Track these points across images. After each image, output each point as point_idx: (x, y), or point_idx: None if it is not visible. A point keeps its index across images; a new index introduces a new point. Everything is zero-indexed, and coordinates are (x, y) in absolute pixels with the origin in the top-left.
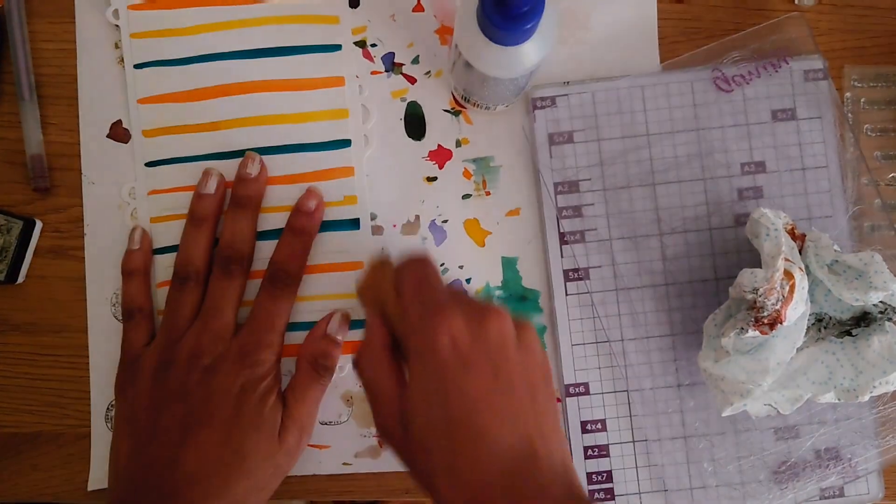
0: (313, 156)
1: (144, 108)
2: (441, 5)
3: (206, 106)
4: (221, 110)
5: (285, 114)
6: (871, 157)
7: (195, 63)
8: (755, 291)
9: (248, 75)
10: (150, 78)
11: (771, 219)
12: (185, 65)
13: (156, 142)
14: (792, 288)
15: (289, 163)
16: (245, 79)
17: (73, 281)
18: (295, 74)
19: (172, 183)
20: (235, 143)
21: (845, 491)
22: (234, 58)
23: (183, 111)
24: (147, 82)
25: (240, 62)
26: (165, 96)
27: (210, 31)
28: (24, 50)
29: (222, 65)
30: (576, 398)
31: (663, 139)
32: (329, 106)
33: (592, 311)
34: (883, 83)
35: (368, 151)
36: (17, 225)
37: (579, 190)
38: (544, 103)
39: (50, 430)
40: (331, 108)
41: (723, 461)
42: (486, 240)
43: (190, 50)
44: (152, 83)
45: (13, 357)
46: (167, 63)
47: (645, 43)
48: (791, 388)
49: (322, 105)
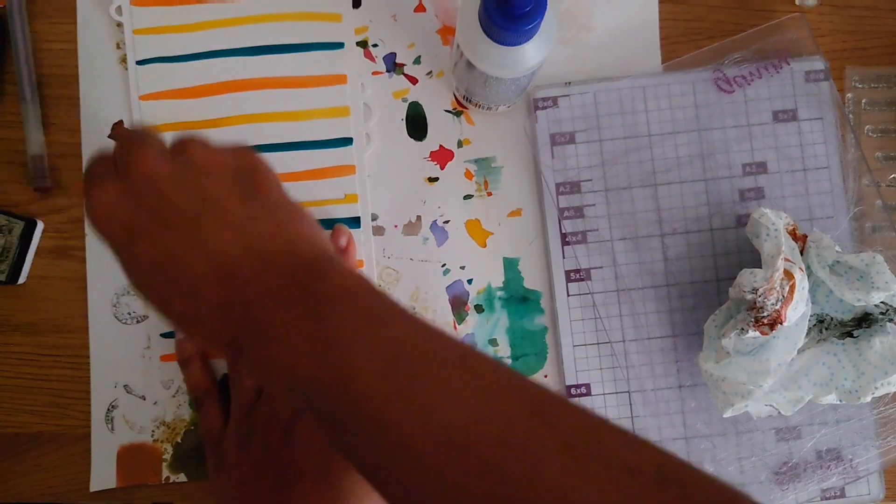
0: (315, 153)
1: (147, 104)
2: (442, 5)
3: (209, 102)
4: (224, 107)
5: (287, 111)
6: (873, 157)
7: (198, 59)
8: (755, 291)
9: (250, 72)
10: (153, 74)
11: (771, 219)
12: (188, 61)
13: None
14: (792, 288)
15: (290, 160)
16: (247, 76)
17: (74, 281)
18: (297, 72)
19: None
20: (237, 139)
21: (846, 492)
22: (237, 55)
23: (185, 108)
24: (149, 79)
25: (242, 59)
26: (168, 93)
27: (213, 27)
28: (25, 50)
29: (225, 62)
30: (577, 399)
31: (665, 140)
32: (331, 104)
33: (594, 311)
34: (884, 84)
35: (370, 150)
36: (18, 225)
37: (581, 190)
38: (546, 104)
39: (51, 431)
40: (333, 106)
41: (724, 462)
42: (488, 240)
43: (193, 46)
44: (155, 80)
45: (14, 357)
46: (170, 59)
47: (646, 44)
48: (792, 389)
49: (324, 103)
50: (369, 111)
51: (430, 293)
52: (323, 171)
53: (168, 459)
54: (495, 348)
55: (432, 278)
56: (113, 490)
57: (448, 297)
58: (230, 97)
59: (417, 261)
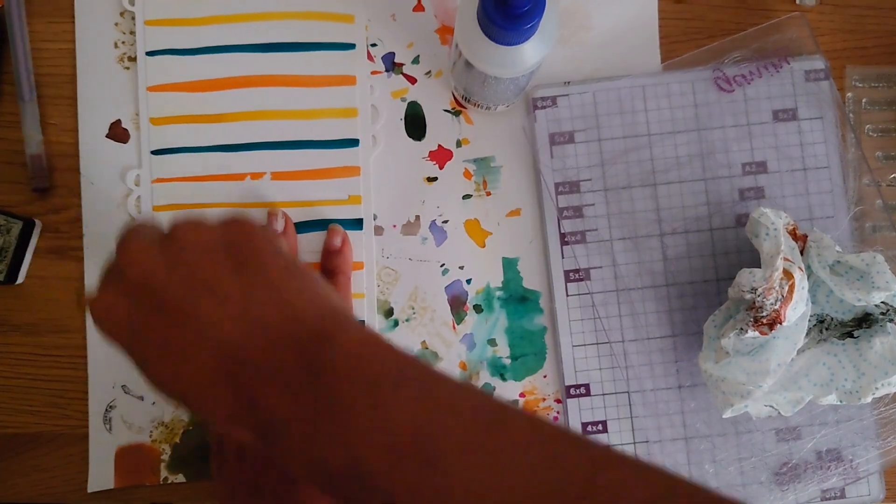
0: (320, 153)
1: (154, 95)
2: (441, 5)
3: (216, 97)
4: (231, 102)
5: (295, 109)
6: (873, 157)
7: (207, 53)
8: (754, 291)
9: (259, 69)
10: (162, 66)
11: (771, 218)
12: (198, 55)
13: (163, 130)
14: (791, 288)
15: (296, 159)
16: (256, 72)
17: (72, 281)
18: (307, 71)
19: (178, 172)
20: (244, 136)
21: (846, 492)
22: (247, 51)
23: (193, 101)
24: (158, 70)
25: (252, 55)
26: (176, 85)
27: (224, 22)
28: (24, 50)
29: (234, 57)
30: (576, 399)
31: (664, 139)
32: (339, 104)
33: (593, 311)
34: (884, 83)
35: (376, 152)
36: (16, 225)
37: (580, 190)
38: (545, 103)
39: (50, 431)
40: (340, 107)
41: (724, 462)
42: (487, 240)
43: (203, 40)
44: (163, 71)
45: (13, 358)
46: (179, 52)
47: (646, 43)
48: (792, 389)
49: (332, 103)
50: (377, 113)
51: (428, 293)
52: (328, 172)
53: (166, 460)
54: (494, 348)
55: (431, 278)
56: (111, 490)
57: (447, 297)
58: (238, 92)
59: (416, 261)
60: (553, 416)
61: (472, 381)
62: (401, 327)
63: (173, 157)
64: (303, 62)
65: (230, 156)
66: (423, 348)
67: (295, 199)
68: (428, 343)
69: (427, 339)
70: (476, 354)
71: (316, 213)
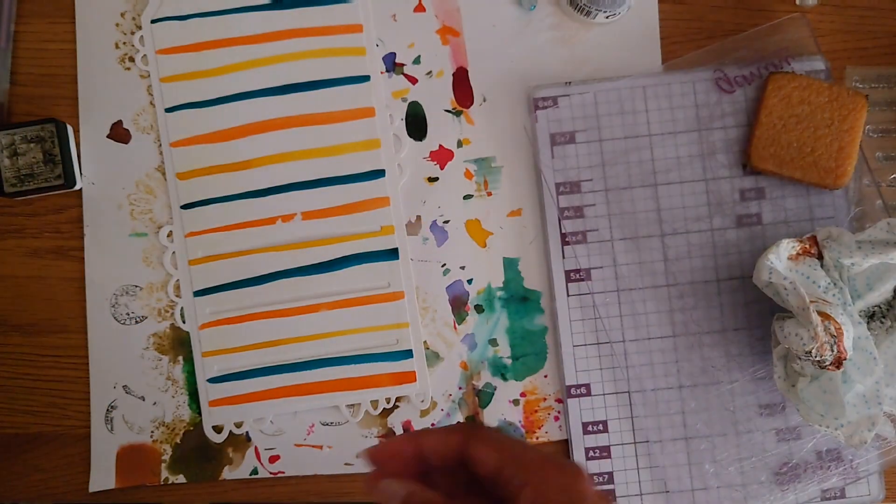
0: (348, 188)
1: (177, 151)
2: (442, 5)
3: (239, 145)
4: (254, 148)
5: (318, 147)
6: (873, 157)
7: (225, 103)
8: (809, 354)
9: (278, 111)
10: (182, 121)
11: (780, 272)
12: (216, 105)
13: (190, 184)
14: (838, 329)
15: (324, 196)
16: (276, 115)
17: (73, 281)
18: (325, 108)
19: (210, 224)
20: (270, 180)
21: (846, 492)
22: (264, 95)
23: (216, 151)
24: (179, 125)
25: (269, 99)
26: (198, 138)
27: (238, 70)
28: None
29: (252, 103)
30: (577, 399)
31: (665, 139)
32: (361, 137)
33: (594, 311)
34: (884, 84)
35: (403, 180)
36: (48, 127)
37: (581, 190)
38: (546, 103)
39: (50, 431)
40: (363, 139)
41: (724, 462)
42: (488, 240)
43: (220, 90)
44: (184, 126)
45: (13, 358)
46: (198, 105)
47: (646, 43)
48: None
49: (354, 137)
50: (399, 142)
51: (430, 293)
52: (357, 205)
53: (167, 460)
54: (495, 348)
55: (432, 278)
56: (112, 491)
57: (448, 297)
58: (260, 138)
59: (417, 261)
60: (553, 416)
61: (474, 380)
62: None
63: (203, 209)
64: (320, 100)
65: (259, 201)
66: (424, 348)
67: (328, 235)
68: (429, 343)
69: (428, 339)
70: (477, 354)
71: (350, 248)
